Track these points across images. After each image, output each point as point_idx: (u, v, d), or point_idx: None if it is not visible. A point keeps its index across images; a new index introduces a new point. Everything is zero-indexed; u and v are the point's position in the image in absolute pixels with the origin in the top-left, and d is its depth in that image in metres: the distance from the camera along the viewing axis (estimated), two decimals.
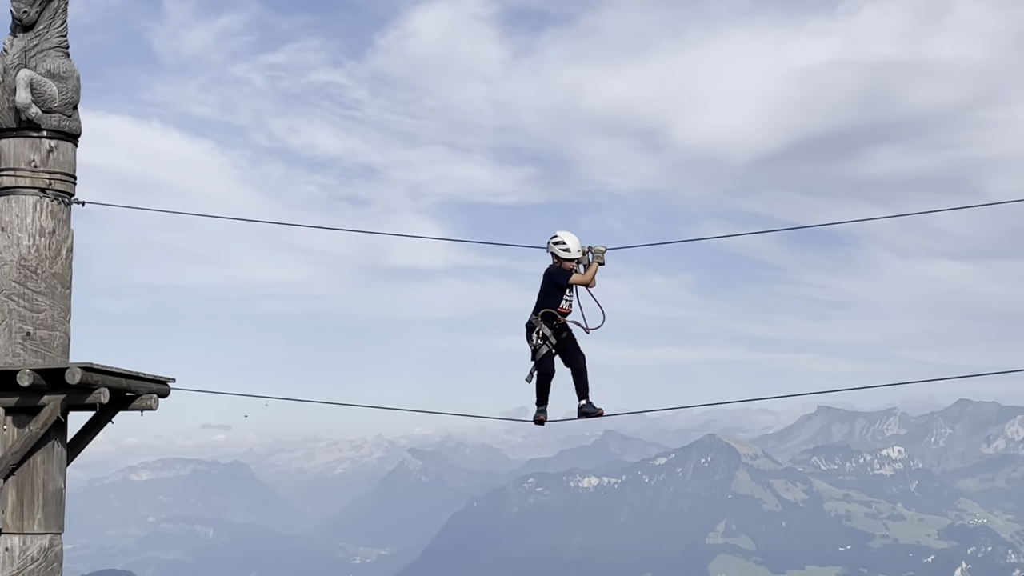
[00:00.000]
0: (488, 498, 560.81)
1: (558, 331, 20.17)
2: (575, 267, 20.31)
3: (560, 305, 20.06)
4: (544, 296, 20.14)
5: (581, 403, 20.40)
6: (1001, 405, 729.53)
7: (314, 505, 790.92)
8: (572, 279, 20.28)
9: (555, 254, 20.42)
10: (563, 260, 20.30)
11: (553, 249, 20.41)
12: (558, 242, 20.34)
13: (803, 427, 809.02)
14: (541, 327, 20.18)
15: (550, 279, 20.21)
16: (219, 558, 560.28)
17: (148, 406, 14.72)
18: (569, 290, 20.08)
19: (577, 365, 20.42)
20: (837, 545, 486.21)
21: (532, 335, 20.22)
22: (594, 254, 20.51)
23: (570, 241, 20.09)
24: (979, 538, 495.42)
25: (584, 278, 20.27)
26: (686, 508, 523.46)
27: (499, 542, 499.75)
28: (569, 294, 20.10)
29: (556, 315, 20.19)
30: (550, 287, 20.16)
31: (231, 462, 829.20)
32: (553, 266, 20.36)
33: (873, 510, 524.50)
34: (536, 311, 20.27)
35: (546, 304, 20.19)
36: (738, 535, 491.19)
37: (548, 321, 20.24)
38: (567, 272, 20.14)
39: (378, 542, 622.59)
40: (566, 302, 20.04)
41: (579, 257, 20.26)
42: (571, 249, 20.36)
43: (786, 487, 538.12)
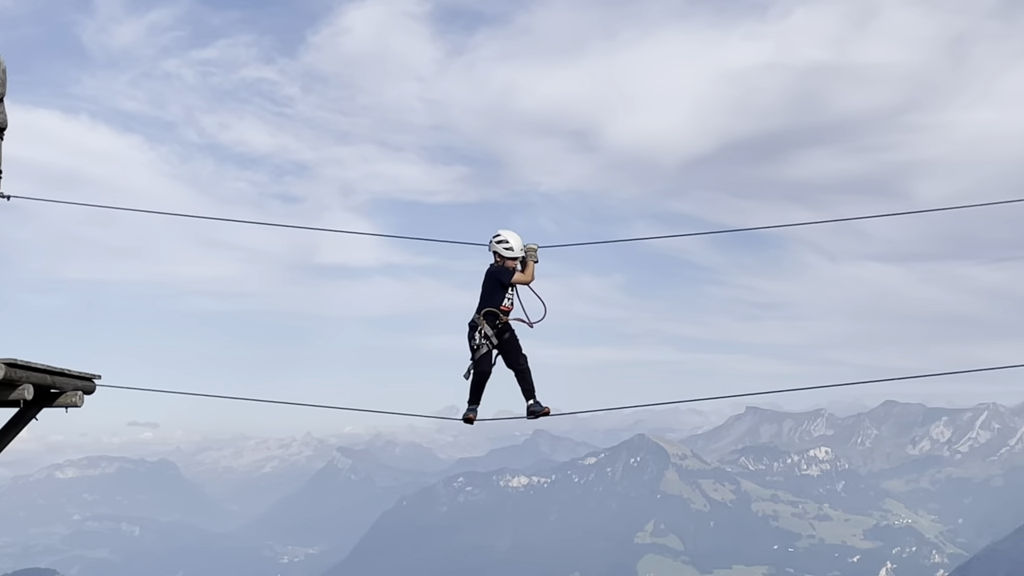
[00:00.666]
0: (417, 497, 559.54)
1: (500, 331, 20.28)
2: (516, 266, 20.42)
3: (503, 303, 20.18)
4: (487, 295, 20.28)
5: (529, 403, 20.55)
6: (926, 407, 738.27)
7: (242, 504, 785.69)
8: (515, 278, 20.38)
9: (498, 253, 20.50)
10: (506, 259, 20.39)
11: (496, 248, 20.49)
12: (501, 241, 20.43)
13: (732, 428, 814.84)
14: (484, 326, 20.26)
15: (493, 278, 20.31)
16: (145, 557, 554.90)
17: (73, 403, 14.51)
18: (511, 288, 20.20)
19: (519, 366, 20.58)
20: (764, 545, 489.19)
21: (475, 334, 20.30)
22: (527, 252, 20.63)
23: (513, 240, 20.25)
24: (904, 538, 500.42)
25: (526, 277, 20.40)
26: (615, 507, 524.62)
27: (428, 541, 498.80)
28: (511, 292, 20.24)
29: (499, 314, 20.28)
30: (493, 286, 20.29)
31: (158, 460, 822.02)
32: (496, 265, 20.42)
33: (800, 510, 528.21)
34: (479, 310, 20.34)
35: (489, 303, 20.29)
36: (666, 535, 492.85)
37: (491, 320, 20.32)
38: (510, 271, 20.26)
39: (306, 541, 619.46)
40: (508, 300, 20.26)
41: (521, 256, 20.38)
42: (514, 248, 20.48)
43: (714, 487, 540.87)
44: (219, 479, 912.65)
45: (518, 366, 20.84)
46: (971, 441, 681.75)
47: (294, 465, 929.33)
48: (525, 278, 20.57)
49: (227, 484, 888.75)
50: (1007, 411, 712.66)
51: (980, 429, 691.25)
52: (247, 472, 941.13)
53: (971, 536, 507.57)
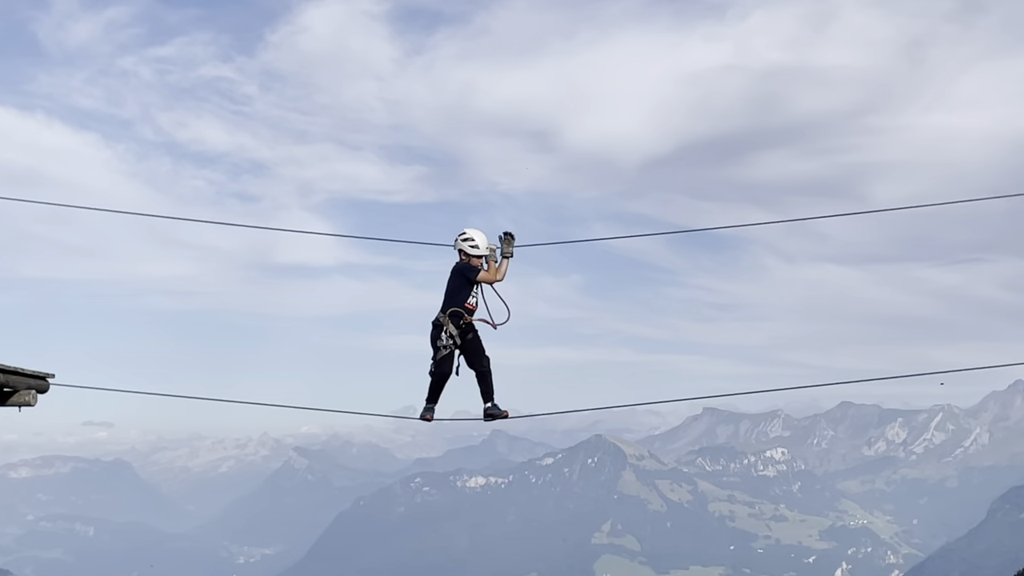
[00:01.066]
0: (375, 497, 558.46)
1: (464, 331, 20.14)
2: (482, 264, 20.30)
3: (467, 301, 20.05)
4: (452, 293, 20.15)
5: (487, 405, 20.43)
6: (882, 408, 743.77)
7: (197, 504, 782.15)
8: (480, 276, 20.26)
9: (463, 251, 20.41)
10: (471, 257, 20.28)
11: (461, 246, 20.40)
12: (466, 239, 20.34)
13: (689, 428, 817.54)
14: (448, 326, 20.13)
15: (459, 275, 20.20)
16: (100, 557, 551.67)
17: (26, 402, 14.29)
18: (476, 287, 20.08)
19: (481, 368, 20.45)
20: (721, 545, 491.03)
21: (440, 334, 20.16)
22: (503, 243, 20.51)
23: (479, 238, 20.15)
24: (859, 539, 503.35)
25: (490, 275, 20.28)
26: (572, 508, 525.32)
27: (385, 542, 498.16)
28: (475, 291, 20.11)
29: (463, 313, 20.16)
30: (459, 283, 20.18)
31: (113, 460, 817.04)
32: (461, 262, 20.30)
33: (756, 511, 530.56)
34: (444, 309, 20.18)
35: (454, 301, 20.15)
36: (623, 535, 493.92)
37: (455, 320, 20.18)
38: (475, 268, 20.14)
39: (262, 541, 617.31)
40: (473, 298, 20.08)
41: (487, 254, 20.26)
42: (479, 246, 20.39)
43: (671, 488, 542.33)
44: (175, 479, 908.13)
45: (480, 368, 20.70)
46: (926, 442, 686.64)
47: (250, 465, 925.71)
48: (491, 276, 20.47)
49: (183, 484, 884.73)
50: (962, 412, 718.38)
51: (935, 430, 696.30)
52: (203, 472, 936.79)
53: (926, 537, 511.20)
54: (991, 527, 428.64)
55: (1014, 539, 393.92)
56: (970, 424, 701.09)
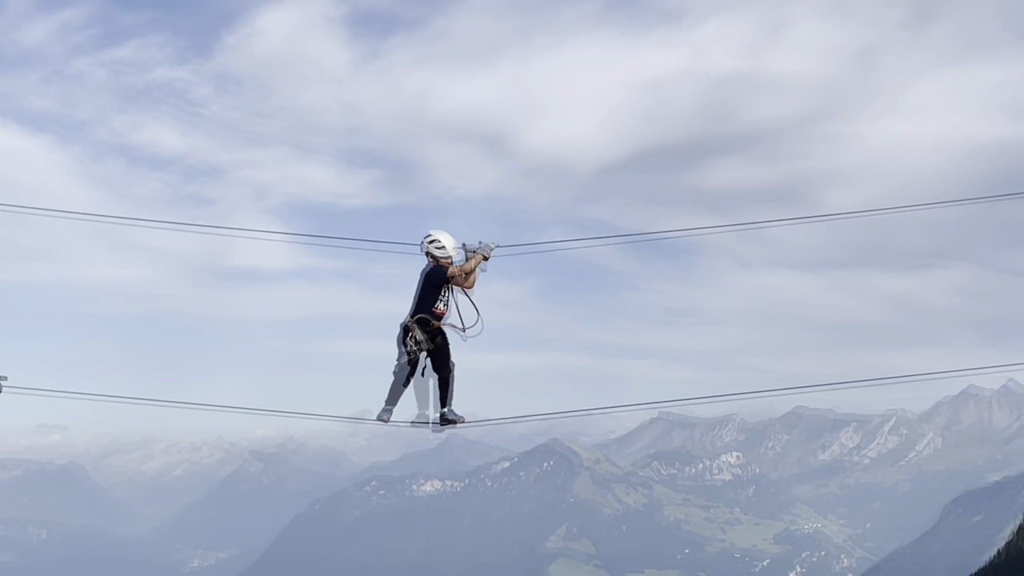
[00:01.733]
0: (329, 501, 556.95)
1: (432, 336, 20.15)
2: (451, 264, 20.32)
3: (436, 306, 20.02)
4: (421, 298, 20.14)
5: (443, 410, 20.46)
6: (836, 413, 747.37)
7: (151, 507, 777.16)
8: (450, 271, 20.28)
9: (430, 253, 20.43)
10: (439, 259, 20.28)
11: (428, 248, 20.44)
12: (432, 240, 20.37)
13: (644, 432, 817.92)
14: (415, 331, 20.12)
15: (428, 279, 20.19)
16: (52, 560, 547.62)
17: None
18: (445, 292, 20.05)
19: (445, 374, 20.53)
20: (675, 550, 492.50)
21: (407, 339, 20.17)
22: (482, 249, 20.51)
23: (445, 239, 20.18)
24: (813, 543, 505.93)
25: (460, 270, 20.31)
26: (527, 512, 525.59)
27: (340, 545, 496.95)
28: (445, 295, 20.10)
29: (430, 319, 20.16)
30: (427, 288, 20.15)
31: (66, 463, 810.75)
32: (431, 266, 20.29)
33: (710, 515, 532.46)
34: (413, 314, 20.18)
35: (422, 307, 20.16)
36: (578, 539, 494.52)
37: (423, 325, 20.17)
38: (443, 272, 20.16)
39: (217, 545, 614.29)
40: (442, 302, 20.08)
41: (453, 256, 20.28)
42: (447, 247, 20.40)
43: (626, 492, 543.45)
44: (128, 483, 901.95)
45: (444, 373, 20.74)
46: (879, 447, 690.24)
47: (204, 468, 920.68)
48: (461, 271, 20.54)
49: (136, 488, 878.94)
50: (914, 417, 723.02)
51: (888, 435, 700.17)
52: (157, 476, 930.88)
53: (878, 541, 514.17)
54: (943, 531, 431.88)
55: (965, 543, 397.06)
56: (922, 429, 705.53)
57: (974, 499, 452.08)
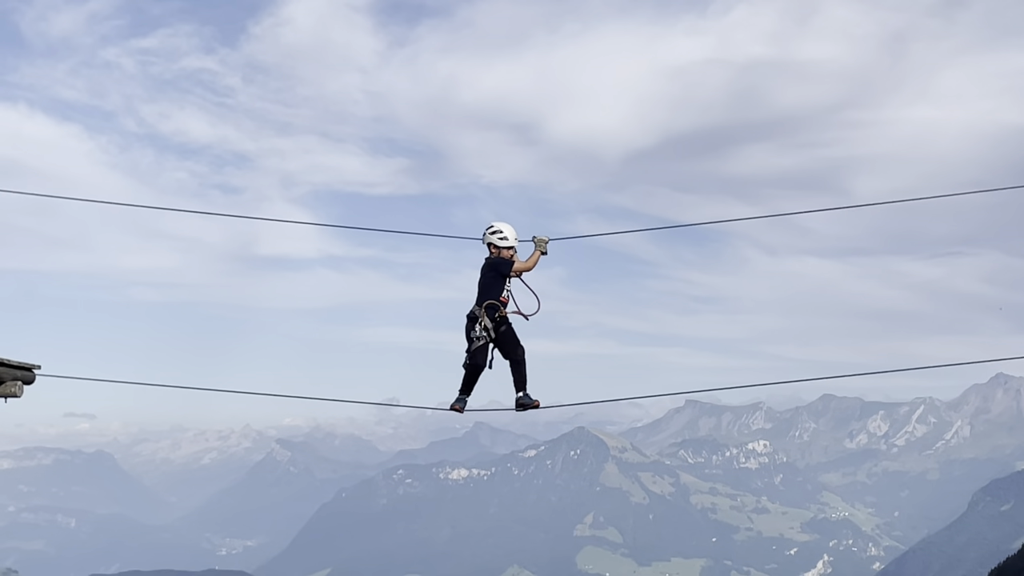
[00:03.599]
0: (357, 489, 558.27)
1: (498, 324, 20.29)
2: (513, 255, 20.42)
3: (501, 295, 20.20)
4: (486, 287, 20.42)
5: (519, 395, 20.71)
6: (864, 400, 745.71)
7: (180, 496, 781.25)
8: (515, 267, 20.39)
9: (492, 244, 20.54)
10: (501, 249, 20.40)
11: (490, 239, 20.56)
12: (495, 231, 20.53)
13: (671, 421, 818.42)
14: (484, 319, 20.26)
15: (493, 269, 20.45)
16: (81, 549, 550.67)
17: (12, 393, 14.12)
18: (507, 280, 20.27)
19: (516, 357, 20.75)
20: (703, 537, 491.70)
21: (475, 326, 20.32)
22: (537, 243, 20.62)
23: (507, 230, 20.44)
24: (841, 531, 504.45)
25: (526, 264, 20.44)
26: (555, 500, 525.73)
27: (367, 533, 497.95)
28: (507, 284, 20.30)
29: (499, 306, 20.25)
30: (493, 277, 20.34)
31: (95, 451, 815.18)
32: (492, 256, 20.40)
33: (738, 503, 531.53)
34: (479, 302, 20.30)
35: (488, 295, 20.31)
36: (605, 527, 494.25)
37: (491, 313, 20.27)
38: (509, 262, 20.30)
39: (245, 533, 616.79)
40: (506, 292, 20.26)
41: (515, 245, 20.41)
42: (508, 237, 20.55)
43: (653, 480, 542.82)
44: (157, 471, 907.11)
45: (515, 357, 20.96)
46: (907, 435, 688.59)
47: (232, 457, 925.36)
48: (526, 266, 20.73)
49: (165, 476, 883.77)
50: (943, 405, 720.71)
51: (916, 423, 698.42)
52: (185, 464, 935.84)
53: (907, 529, 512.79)
54: (972, 519, 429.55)
55: (994, 531, 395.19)
56: (951, 417, 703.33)
57: (1003, 487, 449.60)
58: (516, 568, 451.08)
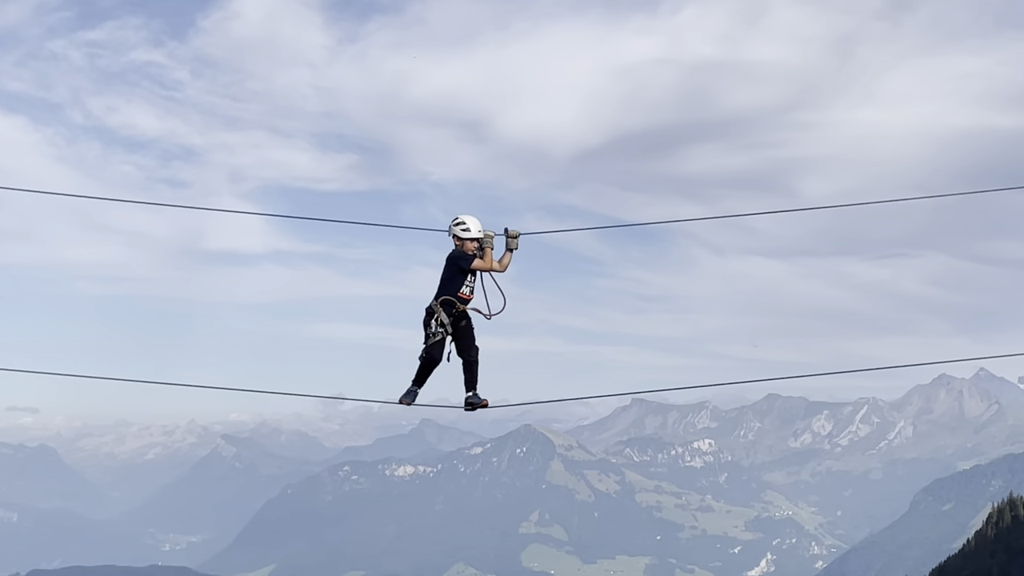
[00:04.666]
0: (302, 486, 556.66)
1: (457, 319, 20.36)
2: (476, 250, 20.51)
3: (461, 291, 20.29)
4: (446, 281, 20.42)
5: (468, 394, 20.72)
6: (808, 400, 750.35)
7: (123, 491, 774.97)
8: (475, 264, 20.48)
9: (456, 235, 20.65)
10: (464, 241, 20.50)
11: (454, 231, 20.70)
12: (458, 223, 20.64)
13: (617, 419, 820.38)
14: (440, 313, 20.35)
15: (453, 263, 20.47)
16: (23, 543, 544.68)
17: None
18: (472, 275, 20.30)
19: (470, 357, 20.77)
20: (647, 535, 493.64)
21: (431, 321, 20.39)
22: (508, 238, 20.77)
23: (471, 222, 20.46)
24: (784, 530, 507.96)
25: (488, 264, 20.53)
26: (501, 497, 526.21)
27: (312, 530, 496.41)
28: (471, 279, 20.39)
29: (456, 302, 20.37)
30: (452, 271, 20.41)
31: (38, 445, 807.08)
32: (456, 250, 20.51)
33: (683, 501, 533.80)
34: (437, 296, 20.41)
35: (448, 290, 20.41)
36: (551, 524, 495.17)
37: (447, 308, 20.39)
38: (470, 256, 20.38)
39: (189, 529, 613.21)
40: (468, 288, 20.38)
41: (480, 238, 20.48)
42: (471, 229, 20.65)
43: (599, 478, 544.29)
44: (100, 465, 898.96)
45: (468, 356, 20.98)
46: (851, 435, 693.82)
47: (177, 452, 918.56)
48: (488, 265, 20.76)
49: (109, 471, 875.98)
50: (886, 405, 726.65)
51: (860, 423, 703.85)
52: (129, 459, 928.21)
53: (849, 528, 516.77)
54: (914, 519, 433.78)
55: (936, 531, 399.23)
56: (894, 417, 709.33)
57: (945, 487, 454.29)
58: (461, 565, 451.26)
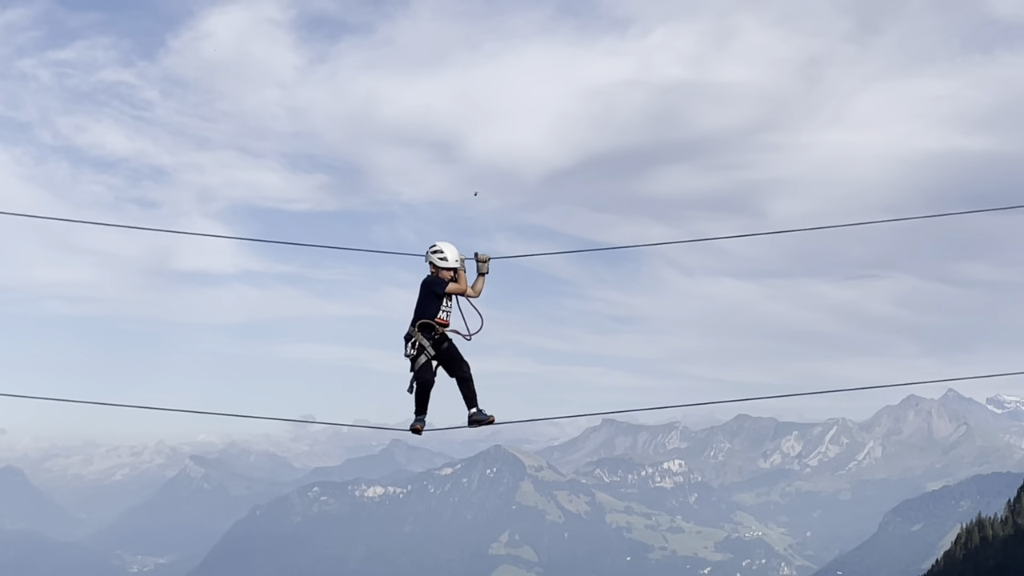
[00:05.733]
0: (271, 507, 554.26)
1: (438, 342, 20.37)
2: (452, 277, 20.46)
3: (438, 315, 20.33)
4: (421, 306, 20.54)
5: (471, 412, 20.86)
6: (778, 421, 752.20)
7: (91, 512, 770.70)
8: (449, 288, 20.44)
9: (433, 263, 20.68)
10: (440, 269, 20.49)
11: (431, 259, 20.75)
12: (436, 251, 20.69)
13: (588, 439, 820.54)
14: (418, 338, 20.33)
15: (427, 289, 20.62)
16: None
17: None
18: (447, 300, 20.36)
19: (461, 374, 20.90)
20: (618, 556, 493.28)
21: (407, 346, 20.38)
22: (479, 263, 20.72)
23: (448, 251, 20.55)
24: (754, 550, 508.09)
25: (461, 287, 20.54)
26: (470, 518, 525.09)
27: (281, 551, 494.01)
28: (447, 304, 20.56)
29: (434, 325, 20.28)
30: (428, 296, 20.53)
31: (4, 466, 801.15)
32: (431, 276, 20.47)
33: (653, 522, 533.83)
34: (413, 322, 20.36)
35: (423, 314, 20.41)
36: (521, 545, 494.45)
37: (426, 332, 20.35)
38: (444, 282, 20.47)
39: (156, 550, 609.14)
40: (444, 312, 20.52)
41: (457, 267, 20.45)
42: (448, 259, 20.73)
43: (569, 499, 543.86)
44: (67, 487, 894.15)
45: (460, 374, 21.13)
46: (820, 455, 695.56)
47: (145, 473, 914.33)
48: (463, 289, 20.84)
49: (76, 492, 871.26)
50: (855, 426, 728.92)
51: (829, 444, 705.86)
52: (97, 480, 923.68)
53: (819, 549, 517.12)
54: (883, 540, 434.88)
55: (905, 551, 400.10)
56: (863, 438, 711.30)
57: (914, 508, 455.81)
58: None
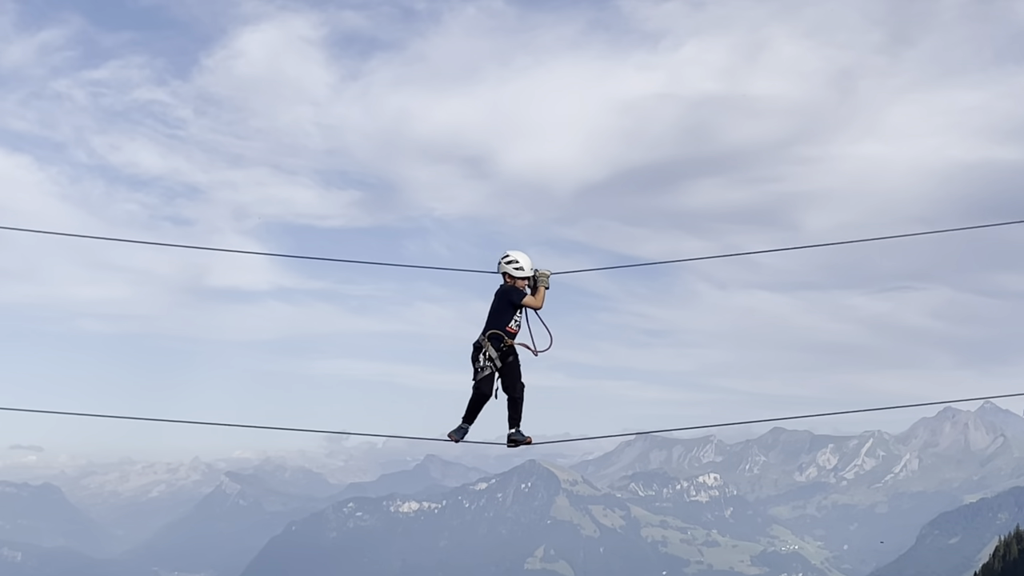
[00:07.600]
0: (307, 523, 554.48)
1: (504, 354, 20.34)
2: (527, 287, 20.54)
3: (509, 325, 20.26)
4: (495, 315, 20.38)
5: (511, 431, 20.67)
6: (813, 434, 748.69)
7: (127, 529, 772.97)
8: (525, 300, 20.47)
9: (507, 273, 20.65)
10: (516, 279, 20.51)
11: (505, 268, 20.64)
12: (510, 261, 20.59)
13: (622, 453, 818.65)
14: (488, 348, 20.32)
15: (504, 297, 20.44)
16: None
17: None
18: (519, 311, 20.28)
19: (515, 393, 20.67)
20: (653, 571, 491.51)
21: (479, 355, 20.36)
22: (539, 278, 20.78)
23: (522, 260, 20.47)
24: (790, 564, 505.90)
25: (536, 301, 20.52)
26: (505, 533, 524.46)
27: (317, 567, 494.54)
28: (519, 315, 20.32)
29: (504, 336, 20.35)
30: (503, 305, 20.41)
31: (42, 484, 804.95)
32: (506, 285, 20.50)
33: (689, 536, 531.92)
34: (485, 331, 20.37)
35: (496, 323, 20.37)
36: (556, 560, 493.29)
37: (495, 342, 20.36)
38: (521, 292, 20.38)
39: (193, 567, 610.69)
40: (515, 323, 20.31)
41: (531, 275, 20.53)
42: (524, 267, 20.66)
43: (604, 513, 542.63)
44: (104, 504, 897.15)
45: (513, 392, 20.88)
46: (857, 468, 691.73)
47: (181, 490, 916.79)
48: (535, 303, 20.73)
49: (112, 509, 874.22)
50: (892, 439, 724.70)
51: (865, 456, 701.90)
52: (133, 497, 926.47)
53: (856, 562, 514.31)
54: (920, 553, 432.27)
55: (942, 564, 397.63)
56: (900, 450, 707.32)
57: (951, 521, 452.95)
58: None
